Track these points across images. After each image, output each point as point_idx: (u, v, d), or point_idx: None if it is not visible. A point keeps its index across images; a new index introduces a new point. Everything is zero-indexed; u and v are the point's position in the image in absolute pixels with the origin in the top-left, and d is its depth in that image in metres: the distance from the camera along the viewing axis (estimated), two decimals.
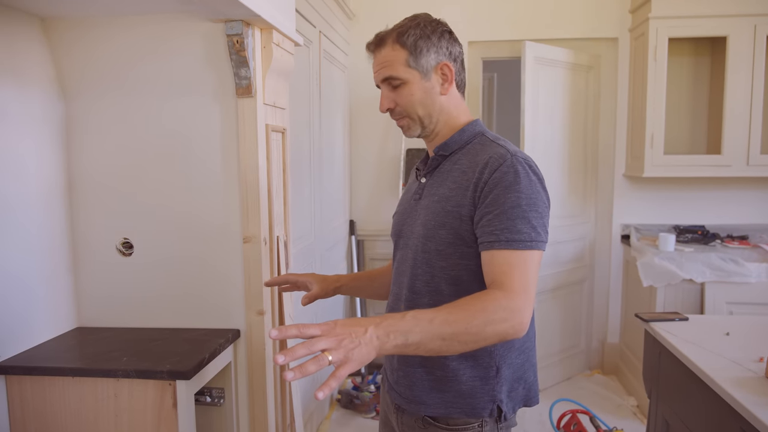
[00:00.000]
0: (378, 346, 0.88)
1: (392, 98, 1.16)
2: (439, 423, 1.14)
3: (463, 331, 0.92)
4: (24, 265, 1.53)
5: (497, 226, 1.02)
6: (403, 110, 1.16)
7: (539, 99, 3.09)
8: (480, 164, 1.09)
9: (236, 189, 1.67)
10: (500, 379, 1.12)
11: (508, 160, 1.06)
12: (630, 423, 2.87)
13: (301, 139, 2.47)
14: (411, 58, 1.13)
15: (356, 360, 0.85)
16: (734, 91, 2.95)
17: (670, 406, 1.71)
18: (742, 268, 2.68)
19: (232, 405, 1.71)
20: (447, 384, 1.12)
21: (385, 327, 0.89)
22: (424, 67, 1.14)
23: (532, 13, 3.38)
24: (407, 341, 0.89)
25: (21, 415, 1.46)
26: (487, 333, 0.93)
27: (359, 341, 0.86)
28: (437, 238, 1.10)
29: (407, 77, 1.13)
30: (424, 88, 1.15)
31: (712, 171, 3.05)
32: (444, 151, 1.18)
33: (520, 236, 1.00)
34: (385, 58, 1.15)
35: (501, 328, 0.94)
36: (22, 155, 1.54)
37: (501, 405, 1.12)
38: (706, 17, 2.94)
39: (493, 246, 1.01)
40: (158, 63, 1.65)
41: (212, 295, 1.71)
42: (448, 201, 1.10)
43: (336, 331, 0.86)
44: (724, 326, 1.79)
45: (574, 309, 3.47)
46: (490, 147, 1.12)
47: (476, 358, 1.11)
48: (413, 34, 1.13)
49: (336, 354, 0.83)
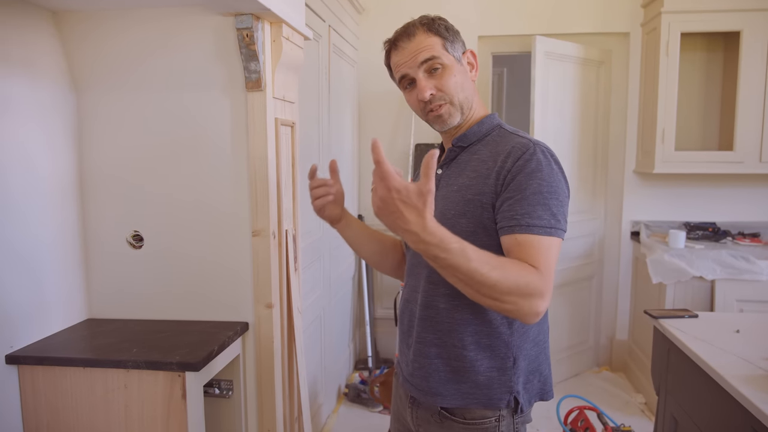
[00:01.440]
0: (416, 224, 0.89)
1: (433, 84, 1.13)
2: (456, 417, 1.13)
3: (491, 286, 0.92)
4: (35, 256, 1.55)
5: (518, 210, 1.01)
6: (445, 95, 1.13)
7: (549, 94, 3.07)
8: (502, 153, 1.09)
9: (245, 182, 1.67)
10: (517, 370, 1.12)
11: (531, 149, 1.06)
12: (638, 420, 2.86)
13: (310, 134, 2.47)
14: (447, 43, 1.14)
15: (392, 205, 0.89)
16: (747, 86, 2.92)
17: (679, 403, 1.70)
18: (754, 265, 2.65)
19: (240, 397, 1.72)
20: (464, 375, 1.12)
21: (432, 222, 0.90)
22: (458, 53, 1.15)
23: (542, 8, 3.35)
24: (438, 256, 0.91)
25: (33, 404, 1.48)
26: (506, 301, 0.94)
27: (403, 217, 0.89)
28: (457, 227, 1.08)
29: (447, 61, 1.13)
30: (462, 72, 1.15)
31: (724, 167, 3.02)
32: (462, 142, 1.17)
33: (540, 222, 1.00)
34: (420, 44, 1.13)
35: (521, 303, 0.94)
36: (34, 147, 1.55)
37: (518, 396, 1.12)
38: (720, 12, 2.90)
39: (514, 230, 1.01)
40: (168, 56, 1.66)
41: (221, 288, 1.72)
42: (468, 189, 1.10)
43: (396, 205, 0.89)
44: (735, 323, 1.78)
45: (583, 305, 3.45)
46: (511, 138, 1.12)
47: (493, 348, 1.11)
48: (441, 24, 1.15)
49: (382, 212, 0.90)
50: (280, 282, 1.76)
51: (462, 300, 1.07)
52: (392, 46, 1.17)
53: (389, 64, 1.20)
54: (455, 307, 1.12)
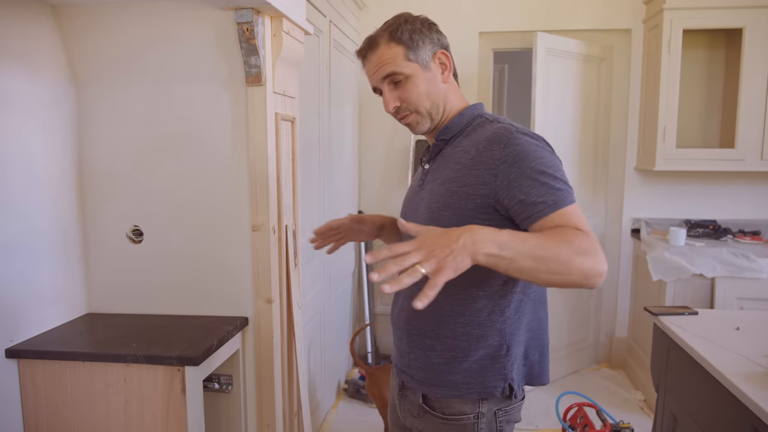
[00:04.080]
0: (472, 252, 0.87)
1: (397, 96, 1.15)
2: (435, 411, 1.15)
3: (555, 257, 0.91)
4: (35, 250, 1.55)
5: (537, 194, 1.00)
6: (410, 106, 1.15)
7: (550, 91, 3.06)
8: (482, 142, 1.08)
9: (245, 177, 1.67)
10: (511, 357, 1.12)
11: (514, 134, 1.05)
12: (637, 417, 2.86)
13: (310, 129, 2.47)
14: (410, 52, 1.13)
15: (450, 267, 0.85)
16: (749, 84, 2.91)
17: (678, 400, 1.70)
18: (754, 263, 2.65)
19: (239, 392, 1.72)
20: (457, 365, 1.13)
21: (480, 234, 0.89)
22: (423, 58, 1.14)
23: (543, 4, 3.34)
24: (501, 253, 0.89)
25: (33, 398, 1.48)
26: (575, 265, 0.91)
27: (451, 249, 0.86)
28: (442, 219, 1.09)
29: (409, 71, 1.13)
30: (427, 79, 1.14)
31: (725, 165, 3.01)
32: (445, 135, 1.18)
33: (562, 194, 1.00)
34: (381, 57, 1.14)
35: (588, 263, 0.92)
36: (33, 142, 1.55)
37: (512, 383, 1.12)
38: (722, 8, 2.89)
39: (544, 213, 0.99)
40: (168, 50, 1.65)
41: (221, 283, 1.72)
42: (453, 182, 1.10)
43: (426, 243, 0.87)
44: (735, 321, 1.78)
45: (583, 303, 3.45)
46: (491, 125, 1.12)
47: (485, 337, 1.11)
48: (406, 29, 1.13)
49: (428, 265, 0.84)
50: (280, 277, 1.76)
51: (450, 291, 1.06)
52: (361, 56, 1.19)
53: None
54: (444, 298, 1.10)
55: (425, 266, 0.84)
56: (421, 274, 0.83)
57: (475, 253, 0.87)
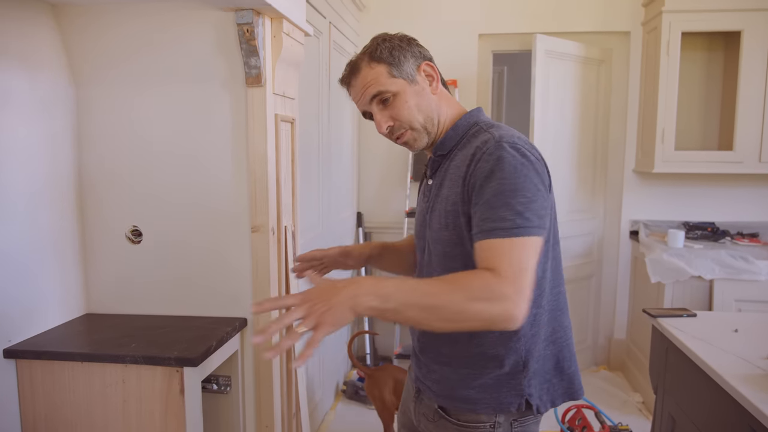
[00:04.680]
0: (353, 306, 0.87)
1: (388, 115, 1.12)
2: (450, 417, 1.14)
3: (444, 305, 0.89)
4: (34, 250, 1.55)
5: (480, 216, 0.98)
6: (403, 123, 1.12)
7: (549, 93, 3.07)
8: (469, 156, 1.05)
9: (245, 178, 1.67)
10: (528, 373, 1.09)
11: (491, 147, 1.01)
12: (635, 419, 2.86)
13: (309, 131, 2.47)
14: (393, 68, 1.10)
15: (328, 323, 0.85)
16: (748, 86, 2.92)
17: (677, 402, 1.70)
18: (752, 265, 2.65)
19: (238, 393, 1.72)
20: (473, 381, 1.11)
21: (363, 287, 0.88)
22: (407, 73, 1.11)
23: (543, 6, 3.35)
24: (384, 306, 0.89)
25: (31, 398, 1.48)
26: (470, 312, 0.89)
27: (330, 303, 0.86)
28: (442, 240, 1.09)
29: (396, 88, 1.10)
30: (415, 93, 1.11)
31: (724, 167, 3.02)
32: (441, 150, 1.15)
33: (503, 224, 0.95)
34: (365, 79, 1.11)
35: (486, 309, 0.89)
36: (32, 141, 1.55)
37: (530, 399, 1.09)
38: (720, 11, 2.90)
39: (478, 237, 0.97)
40: (168, 51, 1.65)
41: (220, 284, 1.72)
42: (447, 201, 1.08)
43: (310, 296, 0.87)
44: (733, 323, 1.78)
45: (582, 305, 3.45)
46: (481, 136, 1.08)
47: (501, 354, 1.09)
48: (385, 47, 1.11)
49: (308, 321, 0.84)
50: (279, 278, 1.76)
51: None
52: (345, 84, 1.17)
53: None
54: None
55: (305, 323, 0.84)
56: (299, 335, 0.84)
57: (355, 306, 0.88)
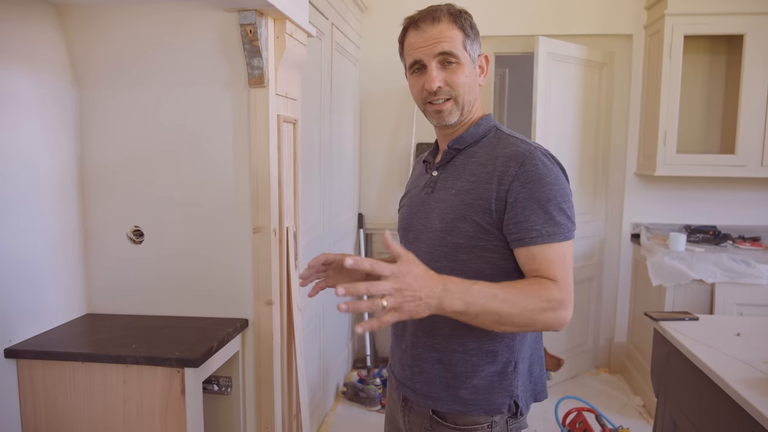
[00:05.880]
0: (437, 307, 0.90)
1: (443, 77, 1.10)
2: (447, 422, 1.11)
3: (519, 312, 0.95)
4: (35, 250, 1.55)
5: (536, 221, 1.01)
6: (452, 91, 1.10)
7: (551, 95, 3.06)
8: (501, 157, 1.07)
9: (247, 179, 1.67)
10: (517, 374, 1.10)
11: (535, 155, 1.05)
12: (636, 422, 2.86)
13: (311, 132, 2.47)
14: (467, 41, 1.10)
15: (407, 312, 0.87)
16: (750, 90, 2.91)
17: (678, 405, 1.70)
18: (754, 269, 2.65)
19: (239, 394, 1.72)
20: (465, 381, 1.10)
21: (454, 292, 0.91)
22: (473, 54, 1.12)
23: (545, 9, 3.35)
24: (467, 311, 0.92)
25: (31, 398, 1.48)
26: (538, 320, 0.97)
27: (420, 298, 0.88)
28: (457, 231, 1.07)
29: (463, 59, 1.10)
30: (472, 75, 1.13)
31: (726, 171, 3.02)
32: (459, 144, 1.15)
33: (559, 229, 1.02)
34: (442, 33, 1.08)
35: (551, 317, 0.97)
36: (34, 142, 1.55)
37: (518, 400, 1.10)
38: (723, 15, 2.90)
39: (536, 241, 1.01)
40: (171, 51, 1.65)
41: (221, 285, 1.72)
42: (469, 194, 1.08)
43: (404, 279, 0.87)
44: (735, 327, 1.78)
45: (582, 307, 3.45)
46: (509, 141, 1.11)
47: (496, 353, 1.09)
48: (466, 19, 1.11)
49: (391, 300, 0.85)
50: (281, 279, 1.76)
51: None
52: (413, 24, 1.11)
53: (403, 41, 1.15)
54: None
55: (389, 300, 0.85)
56: (381, 307, 0.85)
57: (441, 307, 0.91)
